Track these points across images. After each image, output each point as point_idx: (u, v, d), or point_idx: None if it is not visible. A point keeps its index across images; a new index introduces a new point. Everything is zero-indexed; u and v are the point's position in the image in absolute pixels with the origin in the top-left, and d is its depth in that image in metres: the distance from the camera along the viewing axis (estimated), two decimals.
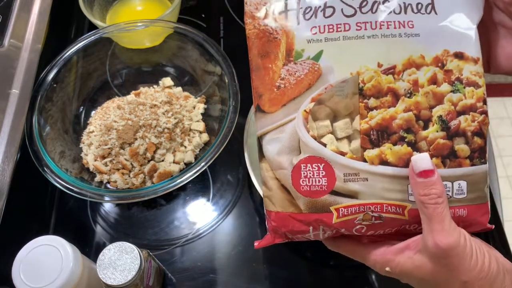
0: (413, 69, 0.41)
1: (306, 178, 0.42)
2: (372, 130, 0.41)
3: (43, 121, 0.69)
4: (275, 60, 0.42)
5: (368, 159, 0.41)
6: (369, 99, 0.41)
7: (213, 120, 0.75)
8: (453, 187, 0.41)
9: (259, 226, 0.71)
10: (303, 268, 0.69)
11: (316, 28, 0.42)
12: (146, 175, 0.70)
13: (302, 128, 0.42)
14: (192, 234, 0.71)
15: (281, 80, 0.42)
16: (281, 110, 0.43)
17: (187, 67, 0.81)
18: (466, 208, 0.41)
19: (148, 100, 0.74)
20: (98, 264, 0.52)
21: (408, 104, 0.41)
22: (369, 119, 0.41)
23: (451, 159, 0.41)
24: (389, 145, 0.41)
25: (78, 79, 0.78)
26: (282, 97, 0.42)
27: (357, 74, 0.41)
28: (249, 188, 0.74)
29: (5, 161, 0.60)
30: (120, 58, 0.82)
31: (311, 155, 0.42)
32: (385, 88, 0.41)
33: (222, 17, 0.93)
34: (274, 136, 0.43)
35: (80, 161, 0.72)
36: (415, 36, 0.41)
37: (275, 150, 0.43)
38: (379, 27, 0.41)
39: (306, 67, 0.42)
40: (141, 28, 0.77)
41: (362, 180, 0.41)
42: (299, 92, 0.42)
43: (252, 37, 0.44)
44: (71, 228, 0.72)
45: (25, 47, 0.67)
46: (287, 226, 0.43)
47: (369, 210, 0.41)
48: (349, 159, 0.41)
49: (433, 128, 0.41)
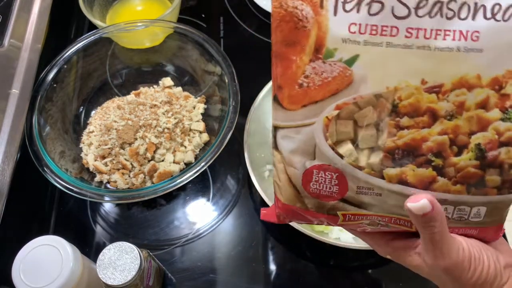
0: (464, 89, 0.35)
1: (317, 182, 0.39)
2: (397, 149, 0.37)
3: (43, 121, 0.69)
4: (301, 53, 0.37)
5: (386, 177, 0.37)
6: (402, 117, 0.36)
7: (213, 120, 0.75)
8: (471, 211, 0.38)
9: (259, 226, 0.71)
10: (303, 268, 0.69)
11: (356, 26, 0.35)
12: (146, 175, 0.70)
13: (320, 135, 0.38)
14: (192, 234, 0.71)
15: (305, 78, 0.37)
16: (300, 110, 0.38)
17: (187, 67, 0.81)
18: (477, 229, 0.40)
19: (148, 100, 0.74)
20: (98, 264, 0.52)
21: (446, 127, 0.36)
22: (397, 138, 0.37)
23: (477, 187, 0.37)
24: (413, 166, 0.37)
25: (78, 79, 0.78)
26: (303, 97, 0.38)
27: (394, 89, 0.36)
28: (249, 188, 0.74)
29: (5, 161, 0.60)
30: (120, 58, 0.82)
31: (326, 164, 0.38)
32: (424, 107, 0.36)
33: (222, 17, 0.94)
34: (289, 135, 0.39)
35: (80, 161, 0.72)
36: (477, 51, 0.34)
37: (289, 148, 0.40)
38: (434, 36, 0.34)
39: (336, 70, 0.37)
40: (141, 28, 0.77)
41: (375, 194, 0.38)
42: (323, 96, 0.37)
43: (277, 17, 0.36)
44: (71, 228, 0.72)
45: (25, 47, 0.67)
46: (292, 217, 0.43)
47: (376, 219, 0.40)
48: (367, 174, 0.38)
49: (466, 155, 0.36)
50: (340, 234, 0.66)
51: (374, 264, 0.68)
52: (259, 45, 0.90)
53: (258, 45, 0.90)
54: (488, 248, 0.40)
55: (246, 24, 0.93)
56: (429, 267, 0.39)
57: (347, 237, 0.65)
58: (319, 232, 0.66)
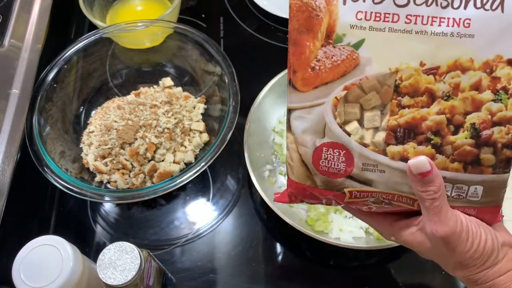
0: (458, 72, 0.39)
1: (326, 160, 0.42)
2: (399, 128, 0.40)
3: (43, 121, 0.69)
4: (314, 39, 0.41)
5: (389, 153, 0.41)
6: (403, 97, 0.40)
7: (213, 120, 0.75)
8: (468, 190, 0.41)
9: (259, 226, 0.71)
10: (303, 268, 0.69)
11: (362, 13, 0.39)
12: (146, 175, 0.70)
13: (329, 115, 0.42)
14: (192, 234, 0.71)
15: (317, 61, 0.41)
16: (312, 91, 0.42)
17: (187, 67, 0.81)
18: (476, 209, 0.42)
19: (148, 100, 0.74)
20: (98, 264, 0.52)
21: (443, 107, 0.40)
22: (399, 117, 0.40)
23: (473, 165, 0.40)
24: (414, 144, 0.40)
25: (78, 79, 0.78)
26: (315, 79, 0.41)
27: (396, 70, 0.39)
28: (249, 188, 0.74)
29: (5, 161, 0.60)
30: (120, 58, 0.83)
31: (334, 141, 0.42)
32: (422, 88, 0.40)
33: (222, 17, 0.94)
34: (302, 115, 0.43)
35: (80, 161, 0.72)
36: (469, 37, 0.38)
37: (301, 127, 0.43)
38: (430, 23, 0.38)
39: (344, 53, 0.40)
40: (141, 28, 0.77)
41: (379, 171, 0.41)
42: (333, 77, 0.41)
43: (294, 8, 0.40)
44: (71, 228, 0.72)
45: (25, 47, 0.67)
46: (303, 195, 0.45)
47: (380, 196, 0.42)
48: (371, 151, 0.41)
49: (462, 134, 0.39)
50: (340, 234, 0.66)
51: (374, 264, 0.68)
52: (259, 45, 0.90)
53: (258, 45, 0.90)
54: (487, 226, 0.42)
55: (246, 24, 0.93)
56: (429, 237, 0.41)
57: (347, 237, 0.65)
58: (319, 232, 0.66)
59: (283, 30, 0.91)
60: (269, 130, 0.77)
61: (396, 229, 0.45)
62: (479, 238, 0.41)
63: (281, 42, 0.90)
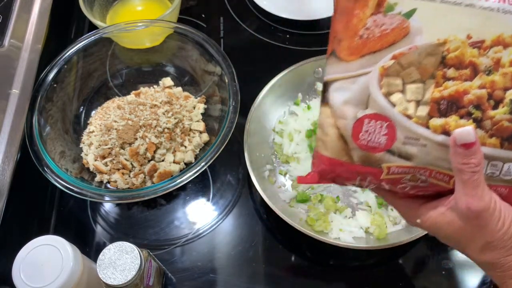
0: (501, 47, 0.40)
1: (366, 133, 0.42)
2: (443, 100, 0.40)
3: (43, 121, 0.69)
4: (364, 7, 0.40)
5: (432, 127, 0.40)
6: (449, 68, 0.40)
7: (213, 120, 0.75)
8: (503, 168, 0.41)
9: (259, 226, 0.71)
10: (303, 268, 0.69)
11: None
12: (146, 175, 0.70)
13: (375, 84, 0.41)
14: (192, 234, 0.71)
15: (365, 29, 0.41)
16: (358, 60, 0.41)
17: (187, 67, 0.81)
18: (508, 188, 0.42)
19: (148, 100, 0.74)
20: (98, 264, 0.52)
21: (484, 82, 0.40)
22: (443, 89, 0.40)
23: (510, 142, 0.40)
24: (456, 117, 0.40)
25: (78, 79, 0.78)
26: (362, 47, 0.41)
27: (444, 41, 0.40)
28: (249, 188, 0.74)
29: (5, 161, 0.60)
30: (120, 58, 0.83)
31: (378, 113, 0.41)
32: (467, 61, 0.40)
33: (222, 17, 0.94)
34: (344, 85, 0.42)
35: (80, 161, 0.73)
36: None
37: (342, 99, 0.42)
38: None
39: (394, 22, 0.40)
40: (141, 28, 0.77)
41: (421, 145, 0.41)
42: (381, 46, 0.41)
43: None
44: (71, 228, 0.72)
45: (25, 47, 0.67)
46: (336, 172, 0.44)
47: (417, 173, 0.42)
48: (415, 123, 0.41)
49: (502, 109, 0.40)
50: (340, 234, 0.66)
51: (374, 264, 0.68)
52: (259, 45, 0.90)
53: (258, 45, 0.90)
54: None
55: (246, 24, 0.93)
56: (461, 213, 0.41)
57: (347, 237, 0.66)
58: (319, 232, 0.66)
59: (283, 30, 0.91)
60: (269, 130, 0.77)
61: (424, 210, 0.44)
62: (510, 220, 0.41)
63: (281, 42, 0.90)
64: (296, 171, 0.73)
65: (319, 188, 0.72)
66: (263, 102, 0.74)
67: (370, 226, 0.67)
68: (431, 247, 0.68)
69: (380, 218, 0.67)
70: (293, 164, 0.74)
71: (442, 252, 0.67)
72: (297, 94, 0.79)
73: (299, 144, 0.75)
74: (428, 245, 0.68)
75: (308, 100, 0.80)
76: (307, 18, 0.90)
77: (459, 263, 0.67)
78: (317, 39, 0.90)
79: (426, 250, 0.68)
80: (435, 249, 0.68)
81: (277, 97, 0.77)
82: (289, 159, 0.75)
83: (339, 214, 0.69)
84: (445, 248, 0.67)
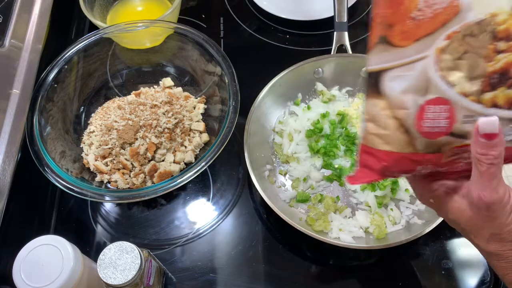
0: None
1: (429, 119, 0.41)
2: (495, 74, 0.40)
3: (44, 121, 0.69)
4: None
5: (483, 101, 0.40)
6: (499, 41, 0.39)
7: (213, 120, 0.75)
8: None
9: (259, 225, 0.71)
10: (303, 268, 0.69)
11: None
12: (146, 175, 0.70)
13: (433, 67, 0.40)
14: (192, 234, 0.71)
15: (418, 11, 0.39)
16: (413, 45, 0.40)
17: (187, 67, 0.81)
18: None
19: (148, 100, 0.74)
20: (99, 264, 0.52)
21: None
22: (495, 63, 0.39)
23: None
24: (504, 88, 0.40)
25: (78, 79, 0.78)
26: (416, 30, 0.40)
27: (492, 15, 0.39)
28: (249, 188, 0.74)
29: (6, 161, 0.60)
30: (120, 58, 0.83)
31: (439, 97, 0.40)
32: None
33: (222, 18, 0.94)
34: (401, 74, 0.40)
35: (80, 161, 0.73)
36: None
37: (400, 88, 0.41)
38: None
39: (446, 1, 0.39)
40: (142, 28, 0.77)
41: (475, 122, 0.40)
42: (434, 27, 0.40)
43: None
44: (72, 227, 0.72)
45: (26, 47, 0.68)
46: (399, 167, 0.43)
47: None
48: (471, 101, 0.40)
49: None
50: (340, 233, 0.66)
51: (373, 264, 0.68)
52: (259, 45, 0.90)
53: (258, 45, 0.90)
54: None
55: (246, 24, 0.93)
56: (473, 203, 0.41)
57: (346, 237, 0.66)
58: (319, 232, 0.66)
59: (283, 30, 0.92)
60: (269, 130, 0.77)
61: (439, 192, 0.44)
62: None
63: (281, 42, 0.90)
64: (296, 171, 0.73)
65: (319, 188, 0.72)
66: (263, 102, 0.75)
67: (370, 226, 0.67)
68: (431, 247, 0.68)
69: (380, 218, 0.67)
70: (293, 164, 0.74)
71: (442, 252, 0.67)
72: (297, 94, 0.79)
73: (299, 144, 0.75)
74: (428, 245, 0.68)
75: (308, 100, 0.80)
76: (307, 19, 0.90)
77: (459, 263, 0.67)
78: (317, 39, 0.90)
79: (426, 250, 0.68)
80: (435, 249, 0.68)
81: (277, 97, 0.77)
82: (289, 159, 0.75)
83: (339, 214, 0.69)
84: (445, 248, 0.67)
